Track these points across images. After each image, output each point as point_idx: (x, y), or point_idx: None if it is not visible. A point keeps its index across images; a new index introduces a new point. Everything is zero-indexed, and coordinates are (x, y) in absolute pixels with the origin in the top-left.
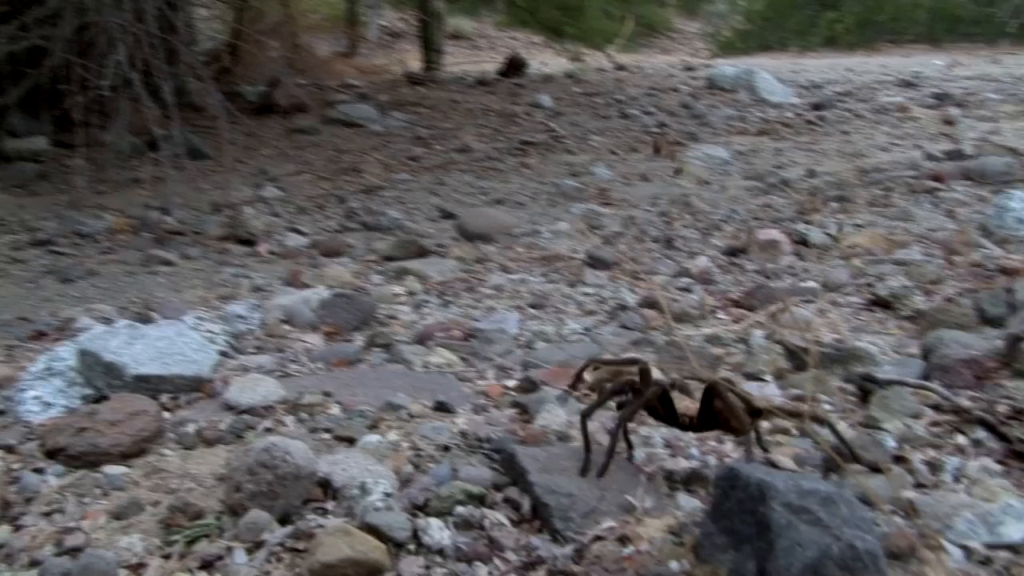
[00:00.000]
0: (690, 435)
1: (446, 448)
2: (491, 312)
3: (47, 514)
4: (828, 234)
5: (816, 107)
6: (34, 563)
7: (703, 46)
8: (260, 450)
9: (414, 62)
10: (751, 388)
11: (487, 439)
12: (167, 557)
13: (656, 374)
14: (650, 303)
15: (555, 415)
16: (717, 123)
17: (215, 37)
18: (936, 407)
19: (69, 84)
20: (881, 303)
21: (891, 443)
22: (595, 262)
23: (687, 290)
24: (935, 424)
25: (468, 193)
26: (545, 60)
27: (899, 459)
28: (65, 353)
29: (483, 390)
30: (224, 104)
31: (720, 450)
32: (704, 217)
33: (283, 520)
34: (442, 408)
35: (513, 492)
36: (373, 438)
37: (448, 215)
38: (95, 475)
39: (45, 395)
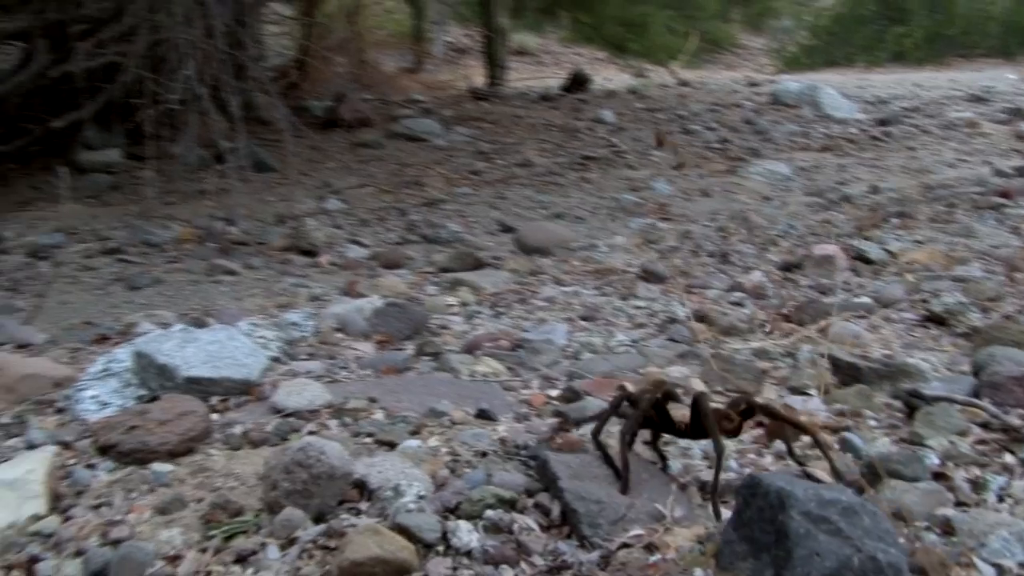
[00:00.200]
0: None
1: (484, 454)
2: (541, 323)
3: (95, 507)
4: (886, 250)
5: (882, 123)
6: (79, 552)
7: (768, 62)
8: (296, 450)
9: (479, 78)
10: (795, 402)
11: (524, 446)
12: (203, 551)
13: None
14: (699, 316)
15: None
16: (780, 139)
17: (284, 53)
18: (984, 425)
19: (141, 99)
20: (936, 319)
21: (934, 460)
22: (649, 276)
23: (739, 304)
24: (982, 442)
25: (528, 207)
26: (609, 76)
27: (939, 476)
28: (122, 355)
29: (526, 399)
30: (290, 118)
31: (759, 463)
32: (761, 232)
33: (317, 519)
34: (484, 416)
35: (544, 498)
36: (413, 443)
37: (507, 229)
38: (143, 471)
39: (102, 395)
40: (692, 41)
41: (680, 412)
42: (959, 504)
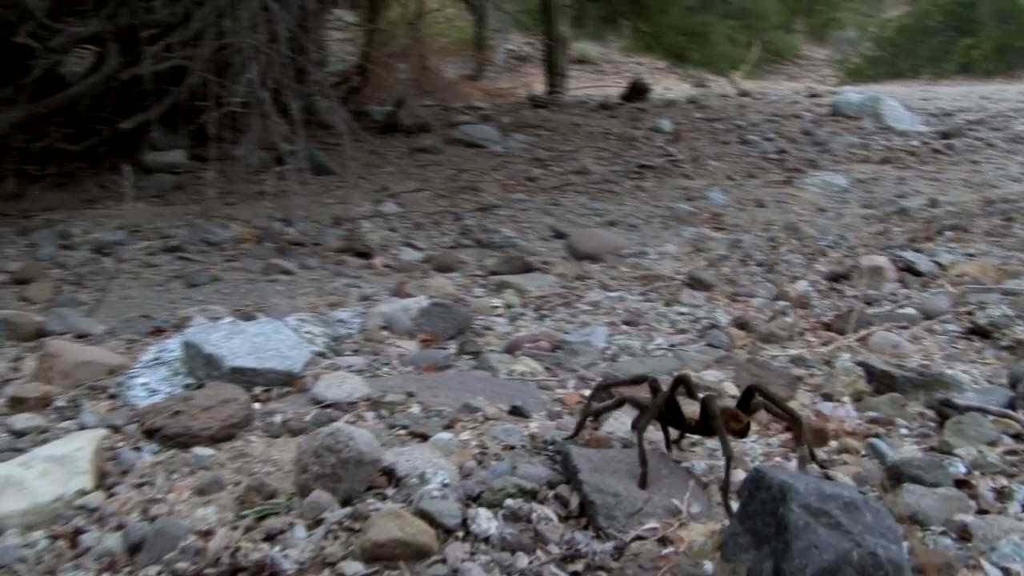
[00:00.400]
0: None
1: (512, 448)
2: (583, 326)
3: (138, 485)
4: (936, 262)
5: (945, 136)
6: (120, 526)
7: (831, 73)
8: (326, 435)
9: (538, 85)
10: (826, 409)
11: (553, 442)
12: (235, 528)
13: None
14: (739, 324)
15: (622, 422)
16: (838, 150)
17: (346, 59)
18: (1017, 436)
19: (206, 101)
20: (980, 332)
21: (960, 468)
22: (695, 283)
23: (782, 313)
24: (1012, 453)
25: (582, 214)
26: (669, 85)
27: (962, 484)
28: (173, 345)
29: (560, 398)
30: (350, 122)
31: (787, 468)
32: (811, 243)
33: (345, 502)
34: (517, 412)
35: (564, 490)
36: (445, 436)
37: (560, 235)
38: (185, 455)
39: (152, 382)
40: (754, 51)
41: (692, 408)
42: (981, 512)
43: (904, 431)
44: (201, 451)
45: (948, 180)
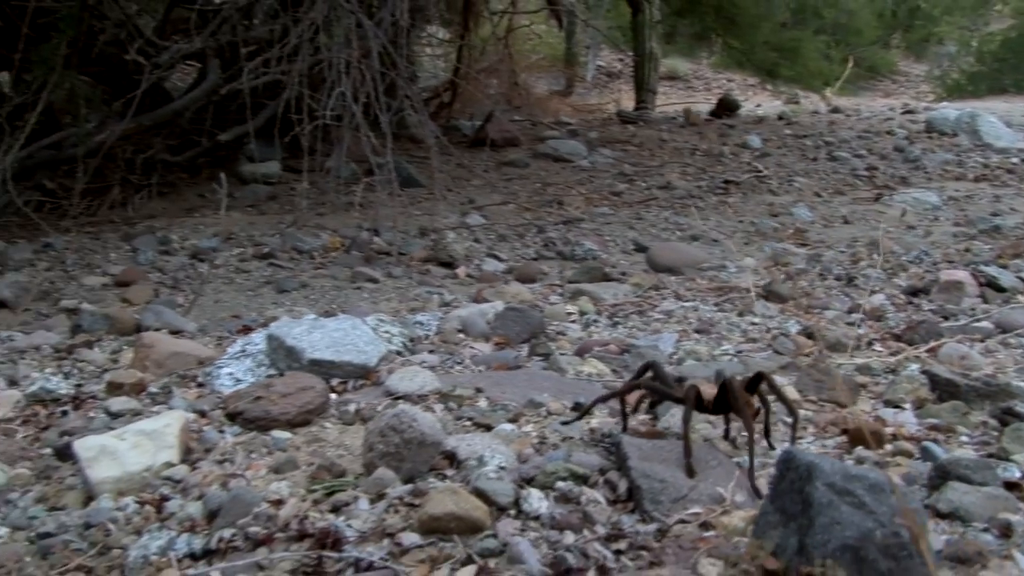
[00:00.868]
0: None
1: (570, 439)
2: (654, 333)
3: (220, 462)
4: (1021, 278)
5: None
6: (201, 496)
7: (928, 89)
8: (391, 415)
9: (628, 102)
10: (887, 415)
11: (611, 435)
12: (304, 500)
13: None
14: (808, 332)
15: (678, 419)
16: (932, 168)
17: (438, 75)
18: None
19: (300, 115)
20: None
21: (1014, 472)
22: (770, 295)
23: (854, 325)
24: None
25: (664, 228)
26: (760, 102)
27: (1013, 486)
28: (258, 339)
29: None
30: (439, 136)
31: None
32: (893, 258)
33: (407, 480)
34: (579, 408)
35: (614, 476)
36: (508, 427)
37: (641, 248)
38: (264, 437)
39: (237, 372)
40: (847, 68)
41: (707, 389)
42: None
43: (964, 438)
44: (279, 434)
45: None
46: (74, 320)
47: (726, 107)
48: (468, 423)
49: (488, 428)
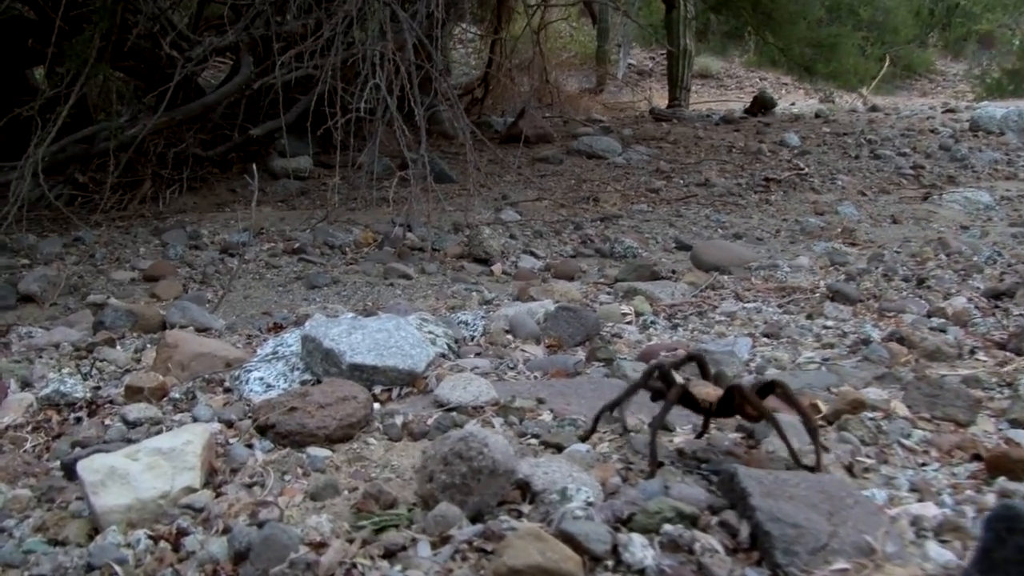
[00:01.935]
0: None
1: (659, 464)
2: (720, 337)
3: (248, 485)
4: None
5: None
6: (226, 530)
7: (967, 88)
8: (457, 439)
9: (660, 100)
10: (1018, 436)
11: (705, 459)
12: (351, 541)
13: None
14: (898, 339)
15: (782, 442)
16: (980, 167)
17: (470, 72)
18: None
19: (333, 109)
20: None
21: None
22: (837, 296)
23: (941, 330)
24: None
25: (705, 226)
26: (794, 100)
27: None
28: (291, 340)
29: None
30: (473, 132)
31: (979, 500)
32: (961, 259)
33: (474, 518)
34: (664, 425)
35: (730, 516)
36: (582, 448)
37: (684, 247)
38: (299, 455)
39: (268, 377)
40: (883, 66)
41: (704, 390)
42: None
43: None
44: (316, 451)
45: None
46: (97, 316)
47: (762, 105)
48: (534, 441)
49: (558, 448)
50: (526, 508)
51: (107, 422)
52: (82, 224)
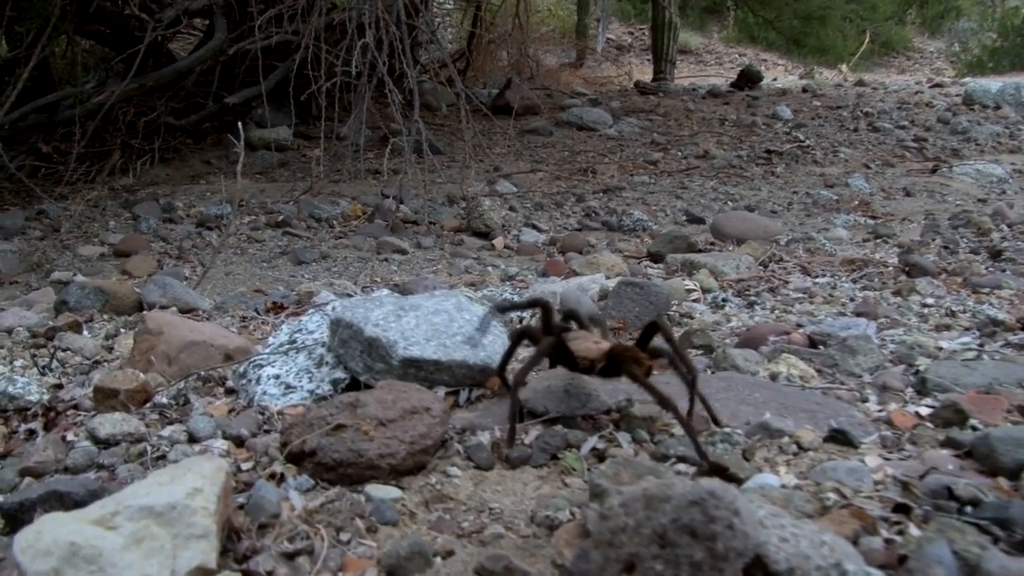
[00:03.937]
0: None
1: (904, 510)
2: (812, 317)
3: (289, 556)
4: None
5: None
6: None
7: (944, 65)
8: (686, 502)
9: (641, 75)
10: None
11: (972, 501)
12: None
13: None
14: None
15: None
16: (982, 140)
17: (449, 43)
18: None
19: (317, 73)
20: None
21: None
22: (912, 268)
23: None
24: None
25: (714, 198)
26: (775, 76)
27: None
28: (312, 325)
29: (882, 417)
30: (464, 101)
31: None
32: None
33: None
34: (839, 439)
35: None
36: (771, 479)
37: (694, 218)
38: (355, 496)
39: (286, 375)
40: (863, 43)
41: (583, 345)
42: None
43: None
44: (380, 491)
45: None
46: (60, 295)
47: (748, 78)
48: (681, 466)
49: (735, 481)
50: None
51: (70, 437)
52: (46, 196)
